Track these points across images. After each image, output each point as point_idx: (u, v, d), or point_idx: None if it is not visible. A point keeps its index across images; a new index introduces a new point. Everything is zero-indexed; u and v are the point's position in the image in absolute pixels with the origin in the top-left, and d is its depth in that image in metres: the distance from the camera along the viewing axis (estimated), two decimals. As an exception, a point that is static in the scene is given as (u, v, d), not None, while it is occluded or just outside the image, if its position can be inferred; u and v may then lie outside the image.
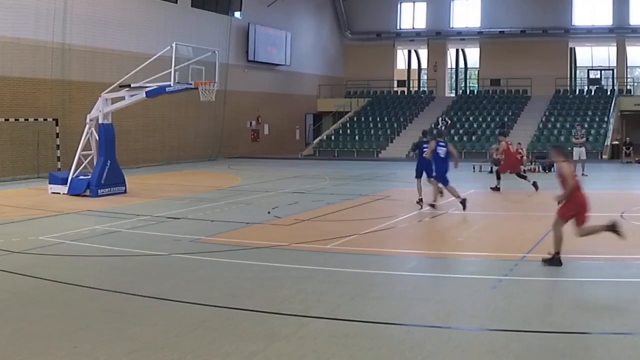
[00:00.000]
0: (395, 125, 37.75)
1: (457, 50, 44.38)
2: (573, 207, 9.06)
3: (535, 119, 35.77)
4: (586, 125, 32.83)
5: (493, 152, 21.43)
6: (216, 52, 18.91)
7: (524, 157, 25.64)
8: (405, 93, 43.59)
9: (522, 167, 25.15)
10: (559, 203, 9.23)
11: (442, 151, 14.99)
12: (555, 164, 9.66)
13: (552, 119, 35.54)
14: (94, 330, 6.58)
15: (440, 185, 15.01)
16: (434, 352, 5.89)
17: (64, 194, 17.98)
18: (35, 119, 23.35)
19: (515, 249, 10.39)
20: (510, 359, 5.71)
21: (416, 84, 45.35)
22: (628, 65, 40.09)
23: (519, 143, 26.64)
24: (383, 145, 35.75)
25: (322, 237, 11.50)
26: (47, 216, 14.32)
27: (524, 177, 19.09)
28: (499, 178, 18.89)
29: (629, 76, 40.77)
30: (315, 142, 38.12)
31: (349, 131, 38.06)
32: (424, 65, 44.60)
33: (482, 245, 11.07)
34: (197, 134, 32.13)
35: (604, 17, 38.51)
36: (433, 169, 15.20)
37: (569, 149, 27.09)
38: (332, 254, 10.21)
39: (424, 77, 44.79)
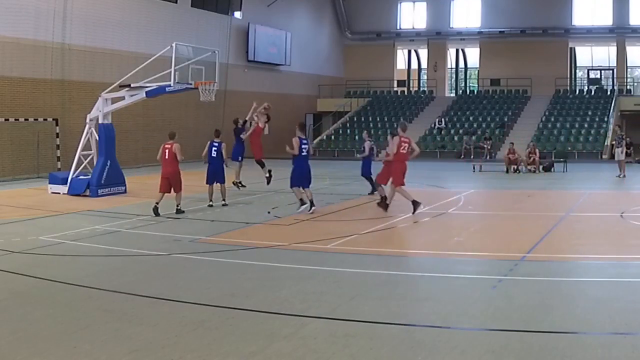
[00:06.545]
0: (395, 125, 37.63)
1: (457, 50, 44.37)
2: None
3: (535, 119, 35.75)
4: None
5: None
6: (216, 52, 18.91)
7: (521, 158, 25.65)
8: (405, 93, 43.56)
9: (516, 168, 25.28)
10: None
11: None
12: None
13: (552, 119, 35.52)
14: (94, 330, 6.57)
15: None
16: (434, 352, 5.88)
17: (64, 194, 17.97)
18: (35, 119, 23.35)
19: (515, 249, 10.38)
20: (510, 359, 5.71)
21: (416, 84, 45.33)
22: (628, 65, 40.12)
23: (512, 143, 27.03)
24: (383, 146, 35.60)
25: (322, 237, 11.49)
26: (47, 216, 14.31)
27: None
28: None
29: (629, 76, 40.79)
30: (315, 142, 38.05)
31: (349, 131, 38.03)
32: (424, 65, 44.59)
33: (482, 245, 11.05)
34: (197, 134, 32.06)
35: (604, 17, 38.51)
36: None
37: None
38: (332, 254, 10.20)
39: (424, 77, 44.78)
